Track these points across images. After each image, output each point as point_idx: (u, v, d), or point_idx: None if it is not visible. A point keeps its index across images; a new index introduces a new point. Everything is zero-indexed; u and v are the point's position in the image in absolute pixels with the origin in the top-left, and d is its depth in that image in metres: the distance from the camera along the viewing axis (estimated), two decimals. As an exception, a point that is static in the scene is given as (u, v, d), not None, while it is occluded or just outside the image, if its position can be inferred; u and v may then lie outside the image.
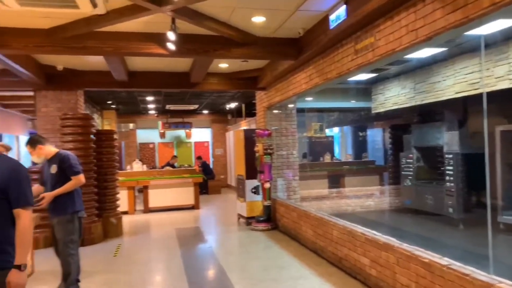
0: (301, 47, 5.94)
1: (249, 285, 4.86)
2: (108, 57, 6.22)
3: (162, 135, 16.95)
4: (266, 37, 5.89)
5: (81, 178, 4.31)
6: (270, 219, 8.08)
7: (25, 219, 2.33)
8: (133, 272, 5.55)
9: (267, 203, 8.06)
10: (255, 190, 8.50)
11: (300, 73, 6.66)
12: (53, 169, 4.23)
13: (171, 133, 17.40)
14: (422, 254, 3.67)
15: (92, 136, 7.33)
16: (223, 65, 7.83)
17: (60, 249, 4.27)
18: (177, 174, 11.43)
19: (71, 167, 4.24)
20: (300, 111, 9.27)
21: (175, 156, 14.85)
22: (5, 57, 5.43)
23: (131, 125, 17.02)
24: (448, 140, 7.60)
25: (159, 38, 5.53)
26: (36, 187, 4.44)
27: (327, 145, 14.45)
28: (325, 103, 10.47)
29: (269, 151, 8.05)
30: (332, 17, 4.77)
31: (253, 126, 11.76)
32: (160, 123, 16.41)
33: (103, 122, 13.67)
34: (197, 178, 11.24)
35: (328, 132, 14.53)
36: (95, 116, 12.30)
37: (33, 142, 4.25)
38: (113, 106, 13.89)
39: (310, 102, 9.79)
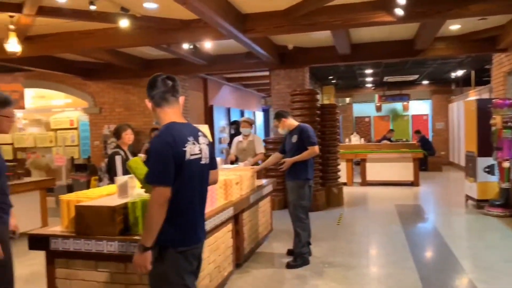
0: None
1: (487, 277, 4.30)
2: (335, 31, 6.35)
3: (378, 109, 16.78)
4: (516, -14, 4.94)
5: (316, 149, 4.74)
6: (508, 204, 6.98)
7: (150, 197, 2.12)
8: (356, 242, 5.70)
9: (505, 185, 6.97)
10: (489, 170, 7.45)
11: None
12: (294, 138, 4.78)
13: (387, 106, 17.02)
14: None
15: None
16: (454, 26, 6.99)
17: (291, 211, 4.82)
18: (395, 149, 11.05)
19: (309, 138, 4.72)
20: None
21: (391, 130, 14.40)
22: (251, 40, 6.19)
23: (347, 99, 17.42)
24: None
25: (385, 5, 5.32)
26: (275, 155, 5.11)
27: None
28: None
29: (510, 124, 6.87)
30: None
31: (484, 96, 10.33)
32: (376, 96, 16.27)
33: (322, 97, 14.37)
34: (417, 153, 10.61)
35: None
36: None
37: (278, 115, 4.96)
38: (333, 81, 14.38)
39: None
